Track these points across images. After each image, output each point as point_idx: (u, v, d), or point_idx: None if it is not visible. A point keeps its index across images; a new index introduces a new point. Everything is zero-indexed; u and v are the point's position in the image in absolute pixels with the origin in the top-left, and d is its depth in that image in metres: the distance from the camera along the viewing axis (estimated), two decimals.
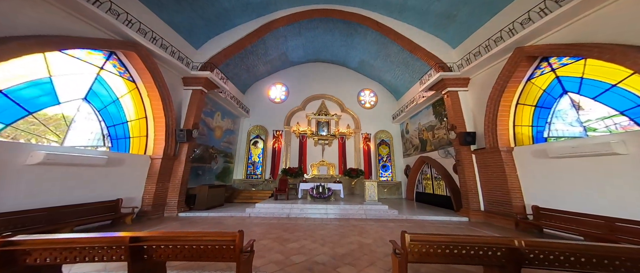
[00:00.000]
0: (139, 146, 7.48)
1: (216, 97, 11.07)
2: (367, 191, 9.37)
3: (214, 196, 9.05)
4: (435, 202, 10.61)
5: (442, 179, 10.25)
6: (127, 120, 7.19)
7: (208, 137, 10.73)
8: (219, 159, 11.64)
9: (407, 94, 14.18)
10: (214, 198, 9.06)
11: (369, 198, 9.30)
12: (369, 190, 9.36)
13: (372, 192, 9.35)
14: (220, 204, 9.71)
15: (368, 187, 9.38)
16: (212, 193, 8.95)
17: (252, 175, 13.30)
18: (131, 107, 7.40)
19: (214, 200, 9.07)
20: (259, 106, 14.74)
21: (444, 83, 9.17)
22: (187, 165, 8.37)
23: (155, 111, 7.69)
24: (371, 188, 9.38)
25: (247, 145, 13.62)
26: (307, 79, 15.49)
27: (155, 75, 7.47)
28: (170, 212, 7.76)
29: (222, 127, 11.89)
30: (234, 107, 12.66)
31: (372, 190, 9.36)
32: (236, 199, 11.39)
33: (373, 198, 9.31)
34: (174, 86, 8.76)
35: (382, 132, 14.62)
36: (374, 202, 9.23)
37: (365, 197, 9.41)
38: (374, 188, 9.38)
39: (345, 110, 15.03)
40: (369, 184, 9.41)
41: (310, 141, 14.33)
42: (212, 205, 9.00)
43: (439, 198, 10.44)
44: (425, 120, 11.80)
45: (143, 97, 7.59)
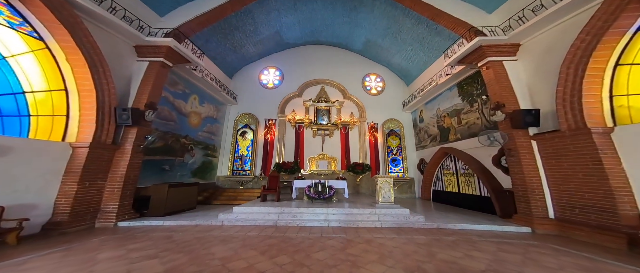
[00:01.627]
0: (49, 129, 4.90)
1: (191, 76, 8.50)
2: (380, 190, 6.81)
3: (178, 197, 6.50)
4: (462, 203, 8.03)
5: (473, 175, 7.67)
6: (24, 91, 4.61)
7: (179, 124, 8.16)
8: (197, 152, 9.09)
9: (420, 77, 11.58)
10: (178, 201, 6.51)
11: (382, 199, 6.74)
12: (383, 189, 6.80)
13: (387, 192, 6.78)
14: (191, 207, 7.16)
15: (381, 185, 6.82)
16: (176, 194, 6.39)
17: (239, 171, 10.73)
18: (37, 73, 4.82)
19: (178, 203, 6.51)
20: (249, 92, 12.17)
21: (483, 52, 6.56)
22: (135, 157, 5.80)
23: (79, 82, 5.10)
24: (386, 186, 6.81)
25: (233, 136, 11.06)
26: (305, 63, 12.92)
27: (76, 32, 4.89)
28: (106, 221, 5.20)
29: (200, 114, 9.32)
30: (216, 91, 10.09)
31: (386, 188, 6.79)
32: (216, 200, 8.83)
33: (388, 199, 6.74)
34: (122, 55, 6.21)
35: (391, 121, 12.04)
36: (389, 204, 6.68)
37: (378, 197, 6.85)
38: (389, 187, 6.81)
39: (348, 97, 12.45)
40: (383, 181, 6.85)
41: (308, 132, 11.77)
42: (176, 209, 6.44)
43: (468, 199, 7.86)
44: (447, 104, 9.20)
45: (59, 62, 5.01)
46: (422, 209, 7.66)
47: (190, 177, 8.74)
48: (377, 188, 6.94)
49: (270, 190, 7.95)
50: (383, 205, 6.63)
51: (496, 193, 6.43)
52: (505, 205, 6.21)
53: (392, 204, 6.69)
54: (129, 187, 5.60)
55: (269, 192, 7.92)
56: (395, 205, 6.65)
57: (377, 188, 6.94)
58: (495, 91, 6.27)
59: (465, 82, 8.22)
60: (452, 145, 8.63)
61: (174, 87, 7.95)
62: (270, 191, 7.93)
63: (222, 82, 10.82)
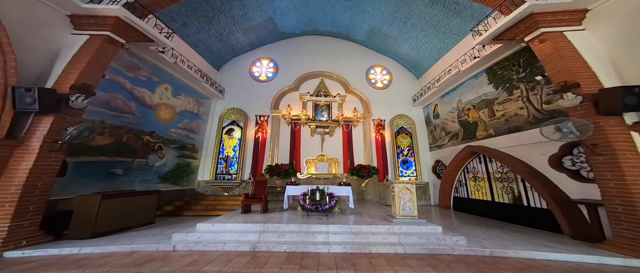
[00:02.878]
0: None
1: (160, 61, 6.69)
2: (398, 200, 4.86)
3: (120, 211, 4.54)
4: (497, 214, 6.07)
5: (516, 180, 5.74)
6: None
7: (142, 117, 6.28)
8: (168, 152, 7.19)
9: (434, 67, 9.80)
10: (120, 216, 4.55)
11: (402, 212, 4.79)
12: (402, 199, 4.85)
13: (408, 202, 4.83)
14: (147, 222, 5.21)
15: (400, 193, 4.87)
16: (115, 207, 4.44)
17: (223, 175, 8.80)
18: None
19: (120, 219, 4.55)
20: (238, 85, 10.38)
21: (534, 21, 4.72)
22: (46, 157, 3.88)
23: None
24: (405, 194, 4.86)
25: (217, 135, 9.18)
26: (302, 55, 11.19)
27: None
28: None
29: (174, 107, 7.46)
30: (196, 82, 8.27)
31: (407, 197, 4.84)
32: (190, 210, 6.86)
33: (410, 211, 4.78)
34: (47, 25, 4.42)
35: (400, 118, 10.17)
36: (411, 218, 4.72)
37: (395, 209, 4.89)
38: (410, 196, 4.85)
39: (350, 91, 10.64)
40: (402, 188, 4.90)
41: (306, 130, 9.91)
42: (116, 227, 4.49)
43: (507, 209, 5.89)
44: (471, 94, 7.34)
45: None
46: (451, 223, 5.67)
47: (158, 182, 6.81)
48: (394, 198, 5.00)
49: (254, 199, 6.01)
50: (404, 220, 4.67)
51: (561, 206, 4.48)
52: (576, 222, 4.26)
53: (416, 218, 4.73)
54: (34, 199, 3.67)
55: (252, 201, 5.98)
56: (420, 220, 4.69)
57: (394, 197, 5.00)
58: (559, 68, 4.39)
59: (498, 66, 6.38)
60: (482, 143, 6.72)
61: (135, 72, 6.13)
62: (255, 200, 5.99)
63: (206, 73, 9.04)
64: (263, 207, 5.91)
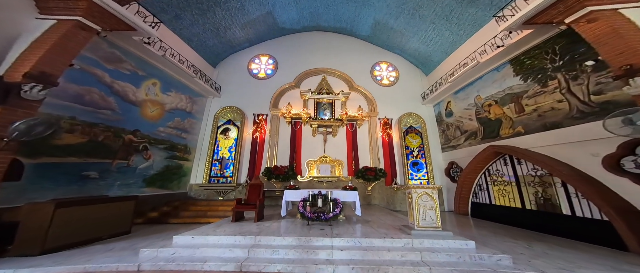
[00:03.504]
0: None
1: (147, 54, 5.97)
2: (417, 208, 3.95)
3: (81, 222, 3.72)
4: (527, 223, 5.10)
5: (556, 184, 4.78)
6: None
7: (123, 114, 5.52)
8: (155, 153, 6.43)
9: (445, 62, 8.95)
10: (82, 227, 3.73)
11: (422, 222, 3.89)
12: (422, 206, 3.95)
13: (430, 210, 3.92)
14: (122, 232, 4.39)
15: (419, 200, 3.97)
16: (75, 216, 3.63)
17: (218, 178, 7.99)
18: None
19: (81, 230, 3.72)
20: (235, 83, 9.67)
21: None
22: None
23: None
24: (426, 201, 3.96)
25: (212, 134, 8.41)
26: (303, 51, 10.47)
27: None
28: None
29: (163, 104, 6.72)
30: (188, 78, 7.55)
31: (428, 204, 3.94)
32: (177, 217, 6.02)
33: (432, 222, 3.87)
34: (9, 7, 3.77)
35: (409, 116, 9.29)
36: (434, 229, 3.81)
37: (414, 219, 3.99)
38: (432, 203, 3.95)
39: (355, 88, 9.83)
40: (420, 193, 4.00)
41: (307, 129, 9.10)
42: (79, 240, 3.67)
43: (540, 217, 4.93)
44: (492, 88, 6.45)
45: None
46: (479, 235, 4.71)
47: (142, 186, 6.02)
48: (410, 205, 4.10)
49: (247, 206, 5.16)
50: (425, 232, 3.77)
51: (626, 217, 3.53)
52: None
53: (440, 230, 3.82)
54: None
55: (245, 208, 5.13)
56: (445, 232, 3.77)
57: (410, 204, 4.10)
58: (621, 49, 3.50)
59: (526, 55, 5.50)
60: (509, 142, 5.79)
61: (116, 64, 5.41)
62: (248, 207, 5.14)
63: (200, 69, 8.34)
64: (257, 214, 5.06)
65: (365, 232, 4.12)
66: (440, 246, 3.55)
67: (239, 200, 5.20)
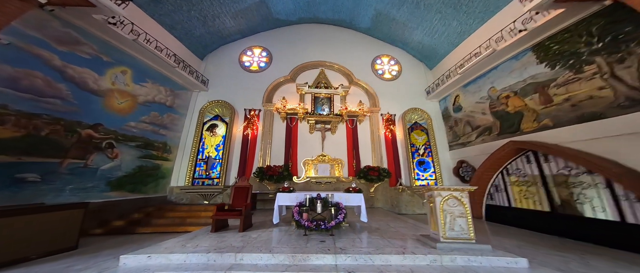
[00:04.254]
0: None
1: (115, 38, 4.95)
2: (442, 214, 3.07)
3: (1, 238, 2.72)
4: (557, 229, 4.30)
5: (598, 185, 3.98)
6: None
7: (80, 105, 4.45)
8: (124, 151, 5.37)
9: (452, 54, 8.22)
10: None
11: (448, 233, 3.00)
12: (450, 212, 3.07)
13: (460, 218, 3.05)
14: (65, 248, 3.34)
15: (444, 205, 3.09)
16: None
17: (203, 180, 6.94)
18: None
19: None
20: (225, 76, 8.70)
21: None
22: None
23: None
24: (455, 206, 3.08)
25: (197, 131, 7.38)
26: (300, 43, 9.60)
27: None
28: None
29: (135, 96, 5.67)
30: (169, 69, 6.55)
31: (457, 211, 3.07)
32: (147, 226, 4.93)
33: (462, 232, 3.00)
34: None
35: (413, 112, 8.47)
36: (466, 241, 2.94)
37: (438, 228, 3.09)
38: (461, 207, 3.08)
39: (355, 83, 9.00)
40: (445, 197, 3.12)
41: (304, 126, 8.18)
42: None
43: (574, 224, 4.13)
44: (510, 79, 5.66)
45: None
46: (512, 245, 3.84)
47: (106, 190, 4.94)
48: (432, 211, 3.21)
49: (231, 213, 4.17)
50: (454, 246, 2.88)
51: None
52: None
53: (472, 242, 2.94)
54: None
55: (228, 215, 4.14)
56: (482, 245, 2.89)
57: (432, 210, 3.21)
58: None
59: (553, 40, 4.74)
60: (534, 136, 5.00)
61: (71, 46, 4.37)
62: (232, 214, 4.16)
63: (183, 59, 7.35)
64: (243, 222, 4.08)
65: (376, 245, 3.20)
66: (478, 264, 2.66)
67: (220, 205, 4.21)
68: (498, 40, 5.81)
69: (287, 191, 4.71)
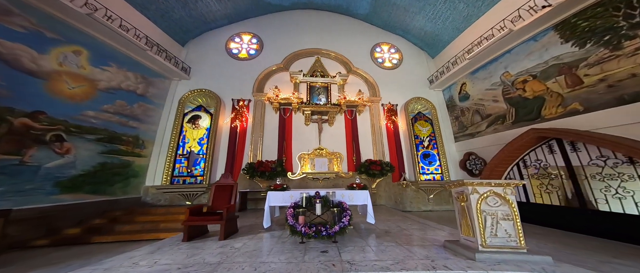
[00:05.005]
0: None
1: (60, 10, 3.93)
2: (479, 216, 2.32)
3: None
4: (588, 227, 3.68)
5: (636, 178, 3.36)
6: None
7: (12, 87, 3.44)
8: (80, 146, 4.35)
9: (457, 40, 7.54)
10: None
11: (490, 239, 2.26)
12: (491, 214, 2.33)
13: (505, 220, 2.32)
14: None
15: (481, 204, 2.34)
16: None
17: (184, 178, 5.97)
18: None
19: None
20: (210, 63, 7.70)
21: None
22: None
23: None
24: (496, 206, 2.34)
25: (176, 123, 6.36)
26: (294, 31, 8.69)
27: None
28: None
29: (94, 81, 4.61)
30: (139, 52, 5.51)
31: (501, 212, 2.33)
32: (109, 235, 3.95)
33: (509, 239, 2.26)
34: None
35: (417, 101, 7.74)
36: (515, 250, 2.20)
37: (476, 235, 2.34)
38: (506, 208, 2.35)
39: (353, 71, 8.19)
40: (484, 194, 2.37)
41: (299, 118, 7.32)
42: None
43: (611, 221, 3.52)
44: (528, 61, 4.96)
45: None
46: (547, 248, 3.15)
47: (55, 193, 3.92)
48: (466, 211, 2.45)
49: (208, 217, 3.28)
50: (500, 256, 2.12)
51: None
52: None
53: (523, 251, 2.20)
54: None
55: (204, 220, 3.25)
56: (537, 256, 2.16)
57: (466, 210, 2.45)
58: None
59: (581, 16, 4.07)
60: (560, 123, 4.35)
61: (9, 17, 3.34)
62: (210, 218, 3.27)
63: (157, 42, 6.32)
64: (224, 229, 3.21)
65: (393, 256, 2.42)
66: None
67: (194, 208, 3.31)
68: (515, 20, 5.13)
69: (280, 189, 3.87)
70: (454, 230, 3.61)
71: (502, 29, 5.36)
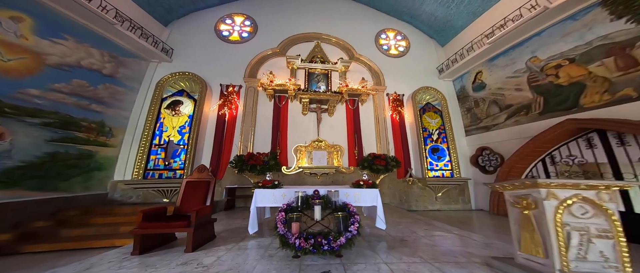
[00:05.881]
0: None
1: None
2: (559, 232, 1.53)
3: None
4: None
5: None
6: None
7: None
8: (19, 131, 3.39)
9: (471, 27, 6.72)
10: None
11: (574, 264, 1.48)
12: (579, 228, 1.54)
13: (599, 240, 1.54)
14: None
15: (565, 215, 1.56)
16: None
17: (160, 171, 5.04)
18: None
19: None
20: (197, 45, 6.70)
21: None
22: None
23: None
24: (587, 218, 1.55)
25: (152, 109, 5.37)
26: (291, 14, 7.73)
27: None
28: None
29: (40, 55, 3.61)
30: (108, 28, 4.52)
31: (595, 227, 1.54)
32: (49, 242, 3.04)
33: (606, 266, 1.50)
34: None
35: (425, 91, 6.91)
36: None
37: (544, 253, 1.55)
38: (603, 220, 1.56)
39: (356, 58, 7.31)
40: (567, 199, 1.60)
41: (295, 106, 6.44)
42: None
43: None
44: (563, 44, 4.15)
45: None
46: None
47: None
48: (537, 226, 1.65)
49: (170, 223, 2.41)
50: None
51: None
52: None
53: None
54: None
55: (165, 227, 2.38)
56: None
57: (537, 224, 1.66)
58: None
59: None
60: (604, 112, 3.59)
61: None
62: (174, 224, 2.40)
63: (130, 18, 5.30)
64: (193, 238, 2.34)
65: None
66: None
67: (152, 211, 2.43)
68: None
69: (270, 186, 3.01)
70: (486, 239, 2.83)
71: (533, 8, 4.55)
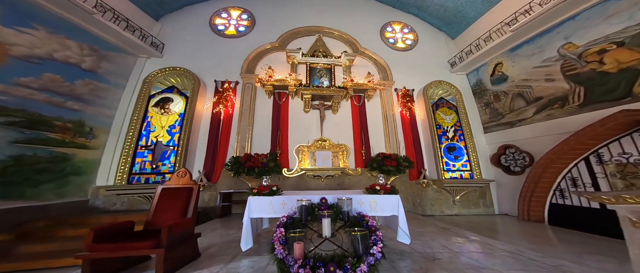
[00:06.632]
0: None
1: None
2: None
3: None
4: None
5: None
6: None
7: None
8: None
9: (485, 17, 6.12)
10: None
11: None
12: None
13: None
14: None
15: None
16: None
17: (147, 176, 4.47)
18: None
19: None
20: (190, 40, 6.19)
21: None
22: None
23: None
24: None
25: (138, 107, 4.83)
26: (290, 7, 7.22)
27: None
28: None
29: (4, 45, 3.09)
30: (88, 19, 4.03)
31: None
32: (14, 259, 2.50)
33: None
34: None
35: (437, 85, 6.28)
36: None
37: None
38: None
39: (361, 52, 6.74)
40: None
41: (297, 103, 5.86)
42: None
43: None
44: (605, 27, 3.54)
45: None
46: None
47: None
48: None
49: (132, 244, 1.80)
50: None
51: None
52: None
53: None
54: None
55: (126, 248, 1.76)
56: None
57: None
58: None
59: None
60: None
61: None
62: (135, 245, 1.78)
63: (112, 7, 4.81)
64: (164, 261, 1.73)
65: None
66: None
67: (104, 229, 1.84)
68: None
69: (265, 193, 2.40)
70: (549, 258, 2.17)
71: None
